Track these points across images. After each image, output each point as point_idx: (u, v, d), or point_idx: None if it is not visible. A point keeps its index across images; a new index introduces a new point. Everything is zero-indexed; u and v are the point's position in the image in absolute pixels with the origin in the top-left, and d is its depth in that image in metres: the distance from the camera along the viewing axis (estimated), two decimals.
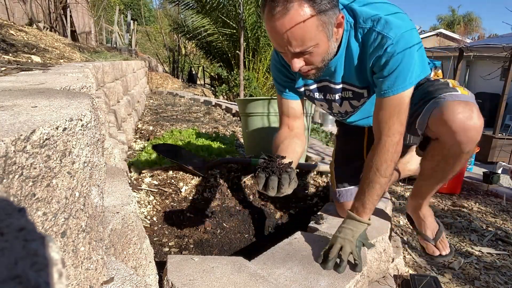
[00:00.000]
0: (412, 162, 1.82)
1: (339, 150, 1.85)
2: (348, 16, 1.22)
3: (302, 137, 1.50)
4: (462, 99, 1.20)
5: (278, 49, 1.16)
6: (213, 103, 6.83)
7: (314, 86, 1.46)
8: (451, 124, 1.16)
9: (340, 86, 1.38)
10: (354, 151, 1.78)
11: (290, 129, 1.50)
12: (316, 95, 1.48)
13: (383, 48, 1.15)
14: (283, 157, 1.17)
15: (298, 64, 1.16)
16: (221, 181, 2.36)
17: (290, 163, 1.15)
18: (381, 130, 1.24)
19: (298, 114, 1.52)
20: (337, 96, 1.43)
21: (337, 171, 1.78)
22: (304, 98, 1.54)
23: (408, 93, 1.19)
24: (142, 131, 4.23)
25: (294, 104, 1.50)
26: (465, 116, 1.15)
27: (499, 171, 4.33)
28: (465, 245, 2.17)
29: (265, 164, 1.12)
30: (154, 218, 1.99)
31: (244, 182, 2.45)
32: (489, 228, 2.44)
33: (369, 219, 1.31)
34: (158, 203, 2.13)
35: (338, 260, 1.22)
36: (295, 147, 1.39)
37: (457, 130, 1.16)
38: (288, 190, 1.08)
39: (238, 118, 5.37)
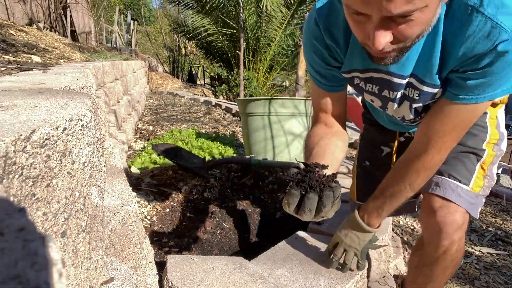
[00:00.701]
0: None
1: (363, 155, 1.50)
2: None
3: (344, 135, 1.17)
4: (456, 199, 1.06)
5: (362, 8, 0.72)
6: (213, 103, 6.83)
7: (367, 76, 1.04)
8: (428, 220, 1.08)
9: (405, 80, 0.98)
10: (380, 159, 1.44)
11: (329, 127, 1.16)
12: (369, 87, 1.08)
13: (491, 42, 0.78)
14: (325, 166, 0.88)
15: (384, 38, 0.74)
16: (221, 181, 2.36)
17: (335, 175, 0.87)
18: (432, 141, 0.99)
19: (339, 109, 1.17)
20: (398, 94, 1.03)
21: (359, 182, 1.49)
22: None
23: (487, 104, 0.93)
24: (142, 131, 4.23)
25: (335, 97, 1.15)
26: (443, 220, 1.04)
27: (499, 171, 4.33)
28: (465, 245, 2.17)
29: (300, 176, 0.83)
30: (154, 218, 1.99)
31: (244, 182, 2.45)
32: (489, 228, 2.44)
33: (379, 225, 1.18)
34: (158, 203, 2.13)
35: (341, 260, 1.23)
36: (335, 150, 1.07)
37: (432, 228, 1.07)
38: (330, 213, 0.84)
39: (238, 118, 5.37)
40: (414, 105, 1.03)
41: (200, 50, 10.85)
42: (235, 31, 8.39)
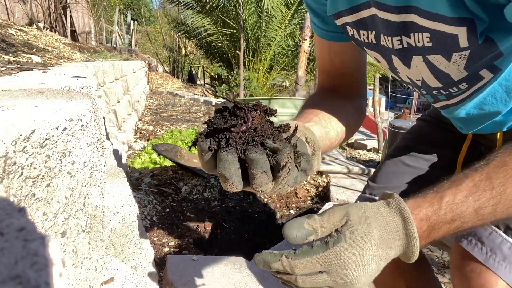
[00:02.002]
0: None
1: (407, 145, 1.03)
2: None
3: (358, 101, 0.87)
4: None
5: None
6: (213, 103, 6.83)
7: (357, 18, 0.73)
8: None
9: (405, 17, 0.64)
10: (435, 163, 0.98)
11: (332, 90, 0.87)
12: (364, 36, 0.76)
13: None
14: (271, 111, 0.51)
15: None
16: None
17: (294, 129, 0.53)
18: None
19: (348, 67, 0.86)
20: (395, 42, 0.69)
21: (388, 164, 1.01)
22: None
23: None
24: (142, 131, 4.23)
25: (339, 48, 0.84)
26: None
27: None
28: None
29: (216, 123, 0.49)
30: (154, 218, 1.99)
31: None
32: None
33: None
34: (158, 203, 2.13)
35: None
36: (336, 111, 0.76)
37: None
38: (271, 185, 0.49)
39: None
40: (431, 58, 0.67)
41: (200, 50, 10.85)
42: (235, 31, 8.40)
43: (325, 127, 0.74)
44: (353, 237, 0.50)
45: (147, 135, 4.00)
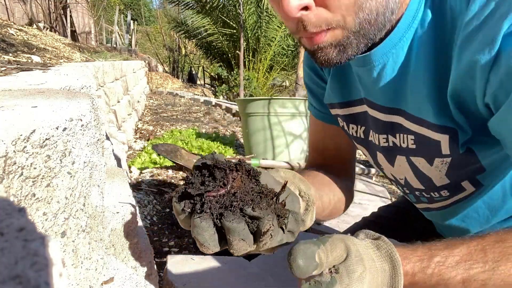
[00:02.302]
0: None
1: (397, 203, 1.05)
2: None
3: (348, 183, 0.85)
4: None
5: None
6: (213, 103, 6.83)
7: (348, 112, 0.77)
8: None
9: (392, 118, 0.67)
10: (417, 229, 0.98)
11: (323, 168, 0.82)
12: (353, 130, 0.79)
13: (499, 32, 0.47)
14: (254, 172, 0.47)
15: None
16: None
17: (282, 187, 0.48)
18: None
19: (341, 152, 0.86)
20: (381, 140, 0.72)
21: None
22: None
23: None
24: (142, 131, 4.23)
25: (332, 130, 0.85)
26: None
27: None
28: None
29: (193, 182, 0.45)
30: (154, 218, 1.99)
31: None
32: None
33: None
34: (158, 203, 2.13)
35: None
36: (328, 182, 0.76)
37: None
38: (252, 249, 0.48)
39: (238, 118, 5.37)
40: (414, 160, 0.68)
41: (200, 50, 10.85)
42: (235, 31, 8.40)
43: (319, 190, 0.69)
44: (349, 282, 0.45)
45: (147, 135, 4.00)
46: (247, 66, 8.74)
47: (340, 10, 0.53)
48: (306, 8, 0.53)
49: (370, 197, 2.38)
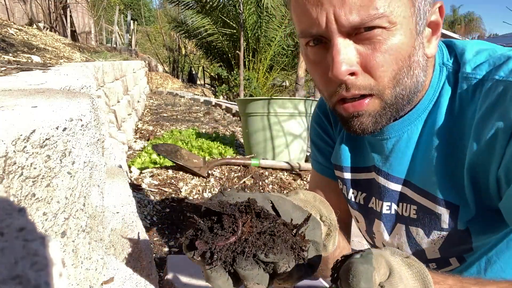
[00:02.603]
0: None
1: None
2: (446, 52, 0.69)
3: (346, 236, 0.82)
4: None
5: (309, 27, 0.59)
6: (213, 103, 6.83)
7: (353, 177, 0.81)
8: None
9: (399, 187, 0.72)
10: None
11: None
12: (352, 195, 0.82)
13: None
14: (265, 214, 0.45)
15: (346, 54, 0.57)
16: (221, 181, 2.36)
17: (305, 220, 0.47)
18: None
19: (343, 206, 0.85)
20: (384, 207, 0.75)
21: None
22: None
23: None
24: (142, 131, 4.23)
25: (332, 185, 0.87)
26: None
27: None
28: None
29: (202, 229, 0.44)
30: (154, 218, 1.99)
31: (244, 182, 2.46)
32: None
33: None
34: (158, 203, 2.13)
35: None
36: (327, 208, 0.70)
37: None
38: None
39: (238, 118, 5.38)
40: (413, 230, 0.72)
41: (200, 50, 10.86)
42: (235, 31, 8.40)
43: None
44: None
45: (147, 135, 4.00)
46: (247, 66, 8.74)
47: (382, 81, 0.59)
48: (352, 73, 0.59)
49: None
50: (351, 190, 0.82)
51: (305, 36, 0.61)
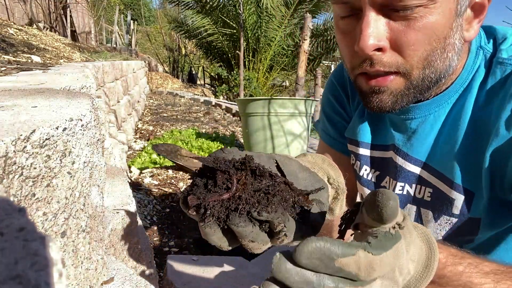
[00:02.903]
0: None
1: None
2: (483, 36, 0.67)
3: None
4: None
5: None
6: (213, 103, 6.83)
7: (372, 153, 0.78)
8: None
9: (417, 169, 0.71)
10: None
11: None
12: (364, 171, 0.80)
13: None
14: (261, 171, 0.43)
15: (375, 28, 0.54)
16: None
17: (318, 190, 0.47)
18: None
19: (350, 183, 0.77)
20: (398, 188, 0.74)
21: None
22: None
23: None
24: (142, 131, 4.23)
25: (346, 160, 0.84)
26: None
27: None
28: None
29: (197, 184, 0.43)
30: (154, 218, 1.99)
31: None
32: None
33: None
34: (158, 203, 2.13)
35: None
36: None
37: None
38: (268, 246, 0.45)
39: (238, 118, 5.38)
40: (423, 211, 0.71)
41: (200, 50, 10.86)
42: (235, 31, 8.40)
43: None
44: (410, 240, 0.41)
45: (147, 135, 4.00)
46: (247, 66, 8.74)
47: (411, 60, 0.56)
48: (380, 49, 0.56)
49: None
50: (364, 167, 0.79)
51: (336, 2, 0.58)
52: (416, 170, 0.70)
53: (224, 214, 0.40)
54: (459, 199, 0.65)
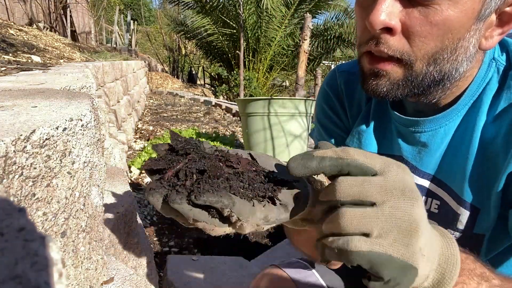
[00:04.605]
0: None
1: None
2: (497, 47, 0.64)
3: None
4: None
5: None
6: (213, 103, 6.83)
7: None
8: None
9: (426, 182, 0.69)
10: None
11: None
12: None
13: None
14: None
15: (390, 6, 0.52)
16: None
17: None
18: None
19: None
20: None
21: None
22: None
23: None
24: (142, 131, 4.23)
25: None
26: None
27: None
28: None
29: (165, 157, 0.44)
30: (154, 218, 1.99)
31: None
32: None
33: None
34: None
35: None
36: None
37: None
38: (229, 230, 0.40)
39: (238, 118, 5.38)
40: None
41: (200, 50, 10.85)
42: (235, 31, 8.40)
43: None
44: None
45: (147, 135, 4.00)
46: (247, 66, 8.74)
47: (418, 50, 0.54)
48: (390, 30, 0.54)
49: None
50: None
51: None
52: (425, 183, 0.68)
53: (166, 191, 0.38)
54: (464, 214, 0.64)
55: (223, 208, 0.37)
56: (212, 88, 10.51)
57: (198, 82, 13.66)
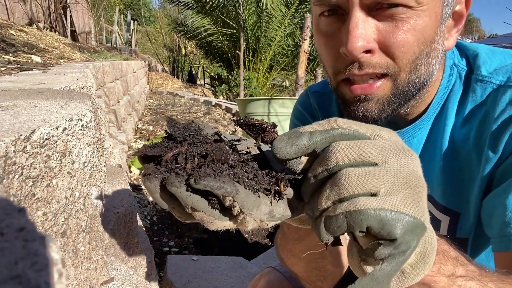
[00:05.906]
0: None
1: None
2: (456, 53, 0.67)
3: None
4: None
5: None
6: (213, 103, 6.83)
7: None
8: None
9: None
10: None
11: None
12: None
13: None
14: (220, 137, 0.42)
15: (364, 29, 0.53)
16: None
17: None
18: None
19: None
20: None
21: None
22: None
23: None
24: (142, 131, 4.23)
25: None
26: None
27: None
28: None
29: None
30: (154, 218, 1.99)
31: None
32: None
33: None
34: None
35: None
36: None
37: None
38: (228, 224, 0.38)
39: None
40: None
41: (200, 50, 10.85)
42: (235, 31, 8.40)
43: None
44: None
45: (147, 135, 4.00)
46: (247, 66, 8.74)
47: (400, 62, 0.55)
48: (368, 51, 0.54)
49: None
50: None
51: (322, 3, 0.56)
52: None
53: (163, 175, 0.35)
54: (445, 220, 0.65)
55: (225, 195, 0.33)
56: (212, 88, 10.50)
57: (198, 82, 13.66)
